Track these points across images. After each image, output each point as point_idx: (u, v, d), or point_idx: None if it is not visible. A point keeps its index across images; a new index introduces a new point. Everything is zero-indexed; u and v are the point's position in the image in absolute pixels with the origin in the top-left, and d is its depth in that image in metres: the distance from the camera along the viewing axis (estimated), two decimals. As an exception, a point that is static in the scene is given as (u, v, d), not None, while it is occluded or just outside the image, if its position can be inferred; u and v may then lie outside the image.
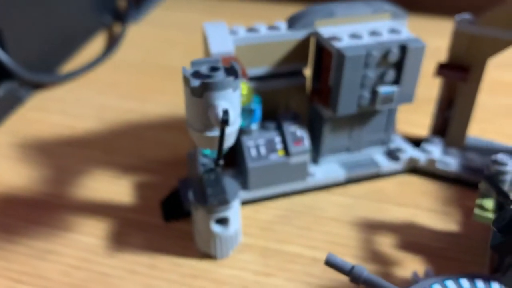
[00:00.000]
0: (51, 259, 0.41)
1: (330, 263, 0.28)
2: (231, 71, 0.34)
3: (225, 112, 0.32)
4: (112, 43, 0.73)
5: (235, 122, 0.35)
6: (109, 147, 0.54)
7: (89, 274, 0.40)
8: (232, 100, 0.33)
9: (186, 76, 0.33)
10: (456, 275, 0.33)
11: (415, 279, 0.36)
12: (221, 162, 0.35)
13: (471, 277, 0.33)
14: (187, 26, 0.81)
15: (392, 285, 0.28)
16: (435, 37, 0.65)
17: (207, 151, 0.37)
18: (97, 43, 0.76)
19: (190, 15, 0.85)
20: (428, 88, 0.59)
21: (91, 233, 0.43)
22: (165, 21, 0.83)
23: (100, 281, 0.39)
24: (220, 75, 0.33)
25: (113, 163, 0.51)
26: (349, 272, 0.28)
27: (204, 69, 0.34)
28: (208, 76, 0.33)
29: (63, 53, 0.70)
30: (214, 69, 0.34)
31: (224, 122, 0.32)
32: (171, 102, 0.62)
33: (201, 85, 0.32)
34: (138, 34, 0.79)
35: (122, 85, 0.65)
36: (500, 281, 0.32)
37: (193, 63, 0.34)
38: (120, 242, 0.42)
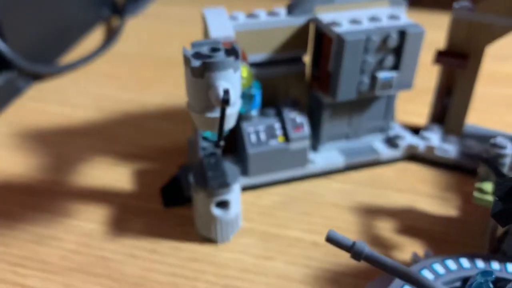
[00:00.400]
0: (51, 244, 0.41)
1: (331, 239, 0.28)
2: (232, 52, 0.34)
3: (226, 92, 0.32)
4: (111, 36, 0.73)
5: (236, 103, 0.35)
6: (108, 136, 0.54)
7: (89, 259, 0.40)
8: (232, 81, 0.33)
9: (187, 56, 0.33)
10: (456, 255, 0.34)
11: (415, 259, 0.36)
12: (222, 143, 0.35)
13: (471, 257, 0.33)
14: (184, 20, 0.81)
15: (392, 260, 0.28)
16: (433, 30, 0.65)
17: (208, 133, 0.37)
18: (95, 36, 0.76)
19: (187, 9, 0.85)
20: (426, 78, 0.59)
21: (91, 219, 0.43)
22: (162, 15, 0.84)
23: (100, 265, 0.39)
24: (221, 55, 0.33)
25: (112, 152, 0.51)
26: (351, 248, 0.28)
27: (204, 50, 0.34)
28: (209, 57, 0.33)
29: (62, 45, 0.70)
30: (214, 49, 0.34)
31: (225, 101, 0.32)
32: (169, 92, 0.62)
33: (202, 65, 0.32)
34: (136, 27, 0.79)
35: (120, 76, 0.65)
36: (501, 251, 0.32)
37: (194, 44, 0.34)
38: (120, 228, 0.42)
